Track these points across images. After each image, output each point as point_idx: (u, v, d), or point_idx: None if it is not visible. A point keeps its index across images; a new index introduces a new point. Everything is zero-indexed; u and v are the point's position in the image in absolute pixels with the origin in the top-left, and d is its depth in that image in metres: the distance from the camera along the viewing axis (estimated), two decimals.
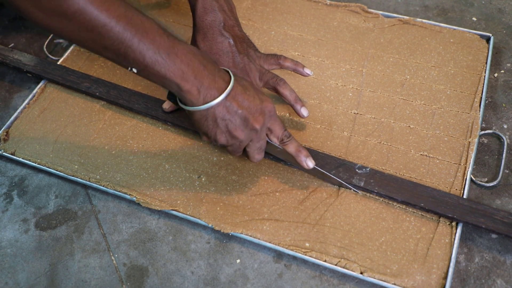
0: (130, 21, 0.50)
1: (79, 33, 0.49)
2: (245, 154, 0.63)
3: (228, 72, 0.58)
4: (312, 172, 0.66)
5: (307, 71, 0.70)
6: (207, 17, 0.66)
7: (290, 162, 0.67)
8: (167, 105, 0.72)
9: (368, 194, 0.65)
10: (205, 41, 0.66)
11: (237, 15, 0.87)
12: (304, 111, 0.67)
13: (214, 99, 0.55)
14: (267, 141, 0.62)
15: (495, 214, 0.60)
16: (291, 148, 0.62)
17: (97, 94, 0.76)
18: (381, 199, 0.64)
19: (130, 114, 0.75)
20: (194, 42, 0.68)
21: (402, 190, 0.63)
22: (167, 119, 0.72)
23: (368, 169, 0.65)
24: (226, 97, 0.56)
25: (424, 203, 0.61)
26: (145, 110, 0.73)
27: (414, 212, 0.63)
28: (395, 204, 0.64)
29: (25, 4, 0.47)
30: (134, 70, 0.53)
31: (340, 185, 0.65)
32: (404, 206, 0.63)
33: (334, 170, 0.65)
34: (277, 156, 0.66)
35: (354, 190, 0.64)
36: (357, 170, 0.65)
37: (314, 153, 0.67)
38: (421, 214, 0.63)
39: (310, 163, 0.62)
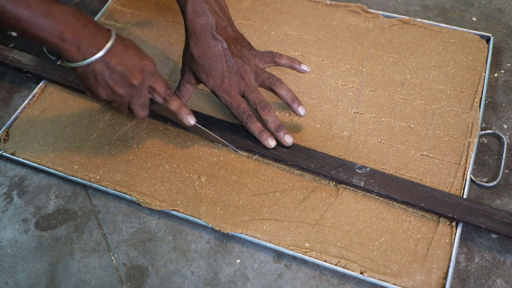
0: None
1: None
2: (131, 112, 0.65)
3: (110, 31, 0.60)
4: (195, 130, 0.69)
5: (303, 67, 0.69)
6: (198, 21, 0.65)
7: (175, 120, 0.68)
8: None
9: (368, 194, 0.65)
10: (198, 46, 0.66)
11: (237, 14, 0.87)
12: (301, 110, 0.67)
13: (93, 55, 0.57)
14: (152, 100, 0.64)
15: (495, 214, 0.60)
16: (173, 105, 0.63)
17: None
18: (381, 199, 0.64)
19: (130, 114, 0.75)
20: (187, 47, 0.67)
21: (402, 190, 0.63)
22: (167, 119, 0.72)
23: (368, 169, 0.65)
24: (105, 54, 0.57)
25: (424, 203, 0.61)
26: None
27: (414, 212, 0.63)
28: (395, 204, 0.64)
29: None
30: (14, 33, 0.55)
31: (226, 146, 0.68)
32: (404, 206, 0.63)
33: (334, 170, 0.65)
34: (163, 115, 0.69)
35: (233, 148, 0.67)
36: (357, 170, 0.65)
37: (313, 153, 0.67)
38: (421, 214, 0.63)
39: (191, 120, 0.64)
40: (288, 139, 0.66)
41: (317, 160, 0.66)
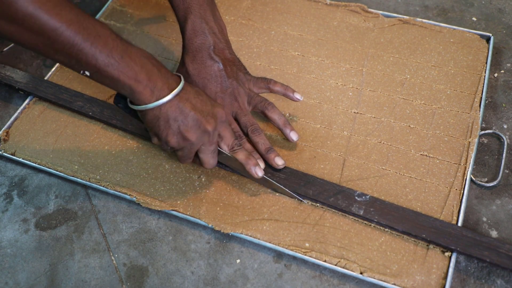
0: (82, 25, 0.50)
1: (28, 37, 0.50)
2: (195, 161, 0.63)
3: (180, 77, 0.59)
4: (262, 182, 0.66)
5: (297, 96, 0.68)
6: (196, 40, 0.65)
7: (240, 171, 0.66)
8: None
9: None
10: (194, 64, 0.66)
11: (237, 14, 0.87)
12: (293, 136, 0.67)
13: (167, 97, 0.56)
14: (218, 149, 0.62)
15: (499, 247, 0.58)
16: (240, 156, 0.62)
17: (90, 113, 0.74)
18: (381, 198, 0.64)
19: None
20: (182, 63, 0.67)
21: (403, 220, 0.60)
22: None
23: (368, 197, 0.63)
24: (178, 98, 0.56)
25: (426, 234, 0.59)
26: (139, 132, 0.71)
27: None
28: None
29: None
30: (87, 73, 0.53)
31: (293, 197, 0.65)
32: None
33: (333, 197, 0.63)
34: (228, 165, 0.66)
35: (299, 199, 0.64)
36: (356, 197, 0.63)
37: (311, 179, 0.65)
38: None
39: (259, 172, 0.62)
40: (279, 161, 0.65)
41: (315, 186, 0.64)
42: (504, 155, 0.69)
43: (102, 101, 0.75)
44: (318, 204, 0.64)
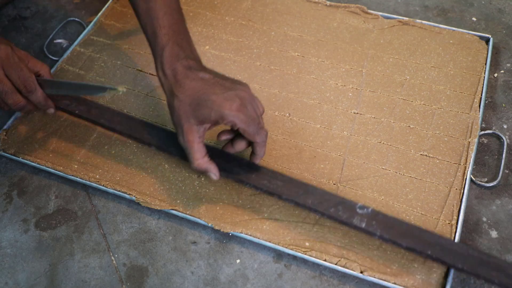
0: None
1: None
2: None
3: None
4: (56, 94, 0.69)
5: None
6: (178, 64, 0.59)
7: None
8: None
9: (367, 194, 0.65)
10: (185, 90, 0.58)
11: (237, 15, 0.87)
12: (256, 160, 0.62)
13: None
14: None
15: (508, 269, 0.54)
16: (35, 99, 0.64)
17: (77, 112, 0.69)
18: (381, 198, 0.64)
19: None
20: (173, 98, 0.59)
21: (407, 235, 0.57)
22: (151, 143, 0.66)
23: (370, 209, 0.59)
24: None
25: (432, 251, 0.56)
26: (128, 132, 0.67)
27: (413, 211, 0.63)
28: (394, 205, 0.64)
29: None
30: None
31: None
32: (403, 208, 0.63)
33: (333, 208, 0.60)
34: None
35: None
36: (358, 210, 0.59)
37: (311, 189, 0.61)
38: (421, 213, 0.63)
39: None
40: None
41: (315, 196, 0.61)
42: (504, 155, 0.69)
43: (90, 101, 0.71)
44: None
